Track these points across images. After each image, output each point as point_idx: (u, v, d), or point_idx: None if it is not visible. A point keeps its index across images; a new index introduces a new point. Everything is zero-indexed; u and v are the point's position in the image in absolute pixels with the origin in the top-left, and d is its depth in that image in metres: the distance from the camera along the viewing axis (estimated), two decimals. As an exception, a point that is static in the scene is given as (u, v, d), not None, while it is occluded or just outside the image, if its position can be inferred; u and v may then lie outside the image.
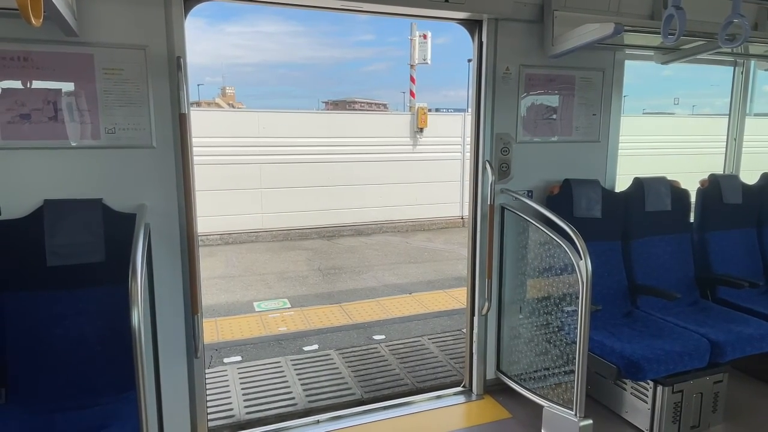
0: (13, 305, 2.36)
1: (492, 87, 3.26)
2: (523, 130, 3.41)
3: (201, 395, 2.89)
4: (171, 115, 2.62)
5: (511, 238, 3.42)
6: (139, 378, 1.89)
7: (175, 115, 2.61)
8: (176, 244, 2.71)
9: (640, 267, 3.62)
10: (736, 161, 4.46)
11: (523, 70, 3.33)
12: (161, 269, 2.67)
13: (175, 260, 2.72)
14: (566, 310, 2.99)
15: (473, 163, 3.42)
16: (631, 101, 10.64)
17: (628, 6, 3.39)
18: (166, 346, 2.73)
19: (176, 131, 2.62)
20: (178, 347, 2.79)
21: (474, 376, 3.55)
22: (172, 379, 2.78)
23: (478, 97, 3.31)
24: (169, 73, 2.59)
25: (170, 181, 2.66)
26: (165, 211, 2.67)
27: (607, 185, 3.67)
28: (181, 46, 2.59)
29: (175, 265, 2.73)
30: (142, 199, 2.60)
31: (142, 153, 2.60)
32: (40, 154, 2.44)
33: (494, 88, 3.27)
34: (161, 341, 2.68)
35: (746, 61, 4.27)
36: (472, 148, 3.43)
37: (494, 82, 3.26)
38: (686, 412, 3.06)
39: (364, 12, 3.01)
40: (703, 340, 3.03)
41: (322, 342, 4.86)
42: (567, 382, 2.95)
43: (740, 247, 3.96)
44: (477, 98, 3.31)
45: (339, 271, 7.85)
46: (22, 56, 2.37)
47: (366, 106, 20.60)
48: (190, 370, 2.84)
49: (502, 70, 3.28)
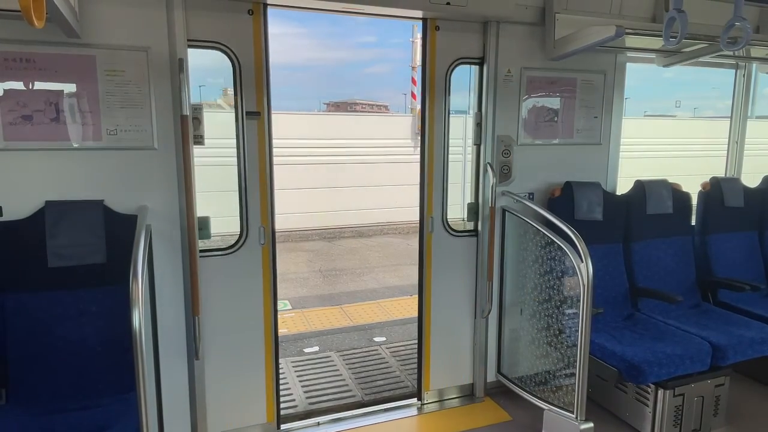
0: (14, 306, 2.36)
1: (494, 89, 3.26)
2: (524, 133, 3.41)
3: (201, 397, 2.88)
4: (172, 116, 2.62)
5: (512, 241, 3.41)
6: (139, 379, 1.89)
7: (176, 116, 2.62)
8: (177, 246, 2.72)
9: (641, 270, 3.62)
10: (737, 164, 4.46)
11: (525, 73, 3.33)
12: (162, 270, 2.67)
13: (176, 261, 2.72)
14: (567, 312, 2.99)
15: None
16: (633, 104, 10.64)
17: (630, 9, 3.39)
18: (167, 347, 2.73)
19: (177, 133, 2.62)
20: (179, 348, 2.79)
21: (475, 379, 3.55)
22: (172, 381, 2.78)
23: (480, 100, 3.31)
24: (171, 75, 2.60)
25: (171, 182, 2.66)
26: (166, 212, 2.67)
27: (609, 188, 3.66)
28: (183, 47, 2.59)
29: (176, 266, 2.73)
30: (144, 200, 2.61)
31: (143, 154, 2.60)
32: (42, 155, 2.45)
33: (495, 90, 3.27)
34: (162, 342, 2.68)
35: (748, 64, 4.26)
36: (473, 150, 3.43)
37: (495, 84, 3.26)
38: (687, 416, 3.05)
39: (367, 14, 3.01)
40: (704, 343, 3.03)
41: (323, 344, 4.85)
42: (568, 385, 2.95)
43: (742, 250, 3.96)
44: (479, 100, 3.32)
45: (340, 273, 7.85)
46: (25, 58, 2.37)
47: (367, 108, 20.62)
48: (191, 372, 2.84)
49: (504, 72, 3.28)
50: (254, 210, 2.90)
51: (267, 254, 2.96)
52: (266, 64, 2.82)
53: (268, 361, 3.04)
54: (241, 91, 2.79)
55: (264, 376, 3.04)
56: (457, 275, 3.41)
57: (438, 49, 3.14)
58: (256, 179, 2.88)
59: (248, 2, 2.73)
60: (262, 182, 2.90)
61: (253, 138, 2.85)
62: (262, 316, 2.99)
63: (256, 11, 2.75)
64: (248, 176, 2.86)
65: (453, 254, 3.39)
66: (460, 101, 3.39)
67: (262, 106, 2.83)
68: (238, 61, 2.77)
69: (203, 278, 2.79)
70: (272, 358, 3.05)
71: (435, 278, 3.35)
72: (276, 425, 3.12)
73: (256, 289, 2.96)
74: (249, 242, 2.92)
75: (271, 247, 2.96)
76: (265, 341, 3.02)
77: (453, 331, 3.47)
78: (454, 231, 3.38)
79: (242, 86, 2.79)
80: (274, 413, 3.10)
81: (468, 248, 3.42)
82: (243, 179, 2.87)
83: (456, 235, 3.38)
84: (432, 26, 3.10)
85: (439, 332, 3.43)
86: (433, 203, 3.29)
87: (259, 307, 2.98)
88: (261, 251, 2.95)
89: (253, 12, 2.75)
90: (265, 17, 2.79)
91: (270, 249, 2.96)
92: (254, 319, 2.98)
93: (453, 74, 3.23)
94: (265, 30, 2.79)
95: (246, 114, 2.81)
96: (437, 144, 3.26)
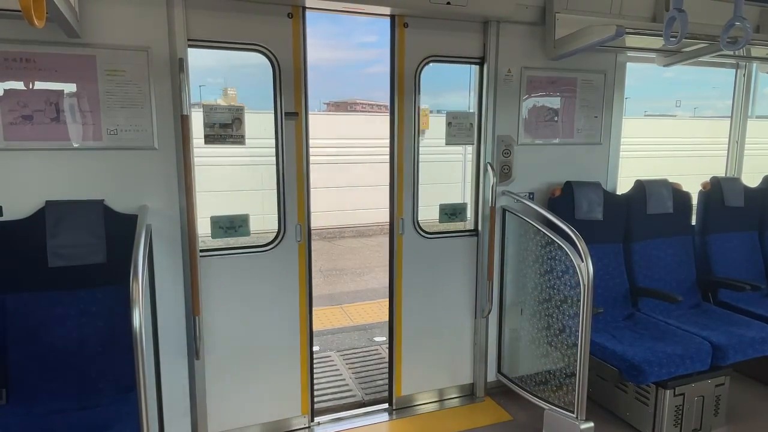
0: (15, 306, 2.36)
1: (494, 89, 3.26)
2: (524, 132, 3.40)
3: (202, 397, 2.88)
4: (173, 116, 2.62)
5: (512, 241, 3.41)
6: (139, 379, 1.89)
7: (176, 116, 2.62)
8: (177, 246, 2.72)
9: (641, 269, 3.62)
10: (737, 164, 4.46)
11: (525, 72, 3.33)
12: (162, 270, 2.68)
13: (177, 261, 2.72)
14: (567, 312, 2.99)
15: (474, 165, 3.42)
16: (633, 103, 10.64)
17: (630, 8, 3.39)
18: (167, 347, 2.73)
19: (178, 132, 2.62)
20: (179, 348, 2.79)
21: (475, 378, 3.55)
22: (172, 381, 2.78)
23: (480, 100, 3.31)
24: (171, 75, 2.60)
25: (172, 182, 2.66)
26: (166, 212, 2.67)
27: (609, 187, 3.66)
28: (183, 47, 2.59)
29: (177, 266, 2.73)
30: (144, 200, 2.61)
31: (143, 154, 2.60)
32: (42, 155, 2.45)
33: (496, 90, 3.27)
34: (162, 342, 2.68)
35: (748, 64, 4.26)
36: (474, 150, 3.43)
37: (496, 84, 3.26)
38: (688, 416, 3.05)
39: (366, 14, 3.00)
40: (704, 343, 3.03)
41: (323, 343, 4.84)
42: (568, 384, 2.95)
43: (742, 249, 3.95)
44: (479, 100, 3.31)
45: (340, 273, 7.84)
46: (25, 57, 2.37)
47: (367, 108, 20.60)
48: (191, 372, 2.84)
49: (504, 72, 3.28)
50: (291, 208, 2.99)
51: (303, 251, 3.03)
52: (304, 66, 2.88)
53: (303, 356, 3.12)
54: (280, 92, 2.86)
55: (299, 370, 3.11)
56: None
57: (407, 47, 3.09)
58: (293, 178, 2.96)
59: (288, 6, 2.79)
60: (299, 181, 2.97)
61: (291, 138, 2.92)
62: (298, 311, 3.07)
63: (295, 14, 2.82)
64: (286, 175, 2.94)
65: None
66: (461, 101, 3.39)
67: (300, 106, 2.90)
68: (278, 63, 2.83)
69: (242, 274, 2.90)
70: (307, 352, 3.12)
71: (407, 281, 3.31)
72: (310, 418, 3.20)
73: (293, 285, 3.04)
74: (286, 240, 2.98)
75: (307, 244, 3.03)
76: (301, 336, 3.09)
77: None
78: (426, 233, 3.32)
79: (281, 87, 2.85)
80: (309, 406, 3.18)
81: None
82: (281, 178, 2.94)
83: (428, 237, 3.33)
84: (400, 23, 3.05)
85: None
86: (403, 204, 3.27)
87: (295, 303, 3.06)
88: (297, 248, 3.01)
89: (292, 15, 2.82)
90: (304, 20, 2.85)
91: (306, 246, 3.03)
92: (291, 315, 3.06)
93: (423, 73, 3.16)
94: (303, 33, 2.86)
95: (285, 114, 2.88)
96: (407, 144, 3.23)
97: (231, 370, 2.95)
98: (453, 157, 11.58)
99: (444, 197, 3.46)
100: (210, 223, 2.83)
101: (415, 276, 3.33)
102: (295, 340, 3.08)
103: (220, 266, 2.86)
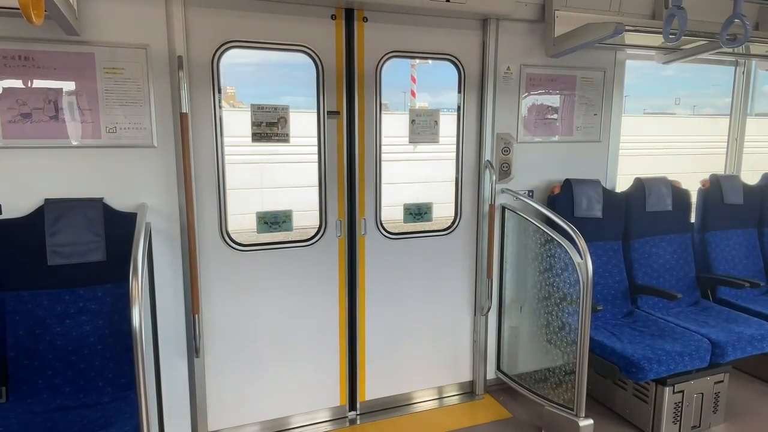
0: (14, 304, 2.36)
1: (493, 87, 3.26)
2: (524, 130, 3.40)
3: (202, 395, 2.89)
4: (172, 114, 2.62)
5: (511, 238, 3.41)
6: (139, 377, 1.89)
7: (176, 114, 2.62)
8: (177, 244, 2.72)
9: (640, 267, 3.62)
10: (737, 161, 4.46)
11: (524, 70, 3.33)
12: (162, 268, 2.68)
13: (176, 259, 2.72)
14: (567, 310, 2.99)
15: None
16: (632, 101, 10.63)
17: (630, 6, 3.39)
18: (167, 345, 2.73)
19: (177, 130, 2.62)
20: (179, 347, 2.79)
21: (475, 376, 3.55)
22: (172, 379, 2.78)
23: (480, 97, 3.30)
24: (170, 73, 2.59)
25: (171, 180, 2.66)
26: (166, 210, 2.67)
27: (608, 185, 3.66)
28: (182, 45, 2.59)
29: (176, 264, 2.73)
30: (143, 198, 2.61)
31: (143, 152, 2.60)
32: (41, 153, 2.44)
33: (495, 87, 3.27)
34: (162, 340, 2.68)
35: (747, 61, 4.26)
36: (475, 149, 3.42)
37: (495, 81, 3.26)
38: (687, 413, 3.06)
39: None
40: (704, 340, 3.03)
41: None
42: (568, 382, 2.95)
43: (741, 247, 3.96)
44: (479, 98, 3.31)
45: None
46: (24, 55, 2.37)
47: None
48: (191, 370, 2.84)
49: (503, 69, 3.27)
50: (332, 204, 3.04)
51: (343, 246, 3.08)
52: (347, 66, 2.94)
53: (342, 347, 3.17)
54: (323, 92, 2.92)
55: (338, 361, 3.17)
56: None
57: (366, 42, 3.00)
58: (334, 175, 3.02)
59: (332, 8, 2.84)
60: (339, 178, 3.03)
61: (333, 136, 2.98)
62: (338, 303, 3.12)
63: (338, 16, 2.87)
64: (327, 172, 2.99)
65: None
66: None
67: (341, 106, 2.96)
68: (321, 63, 2.88)
69: (283, 268, 2.99)
70: (346, 343, 3.18)
71: (370, 283, 3.20)
72: (348, 408, 3.27)
73: (333, 278, 3.09)
74: (327, 235, 3.04)
75: (347, 240, 3.08)
76: (340, 328, 3.15)
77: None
78: (389, 234, 3.21)
79: (324, 87, 2.91)
80: (347, 397, 3.24)
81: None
82: (323, 175, 3.00)
83: (393, 238, 3.22)
84: (359, 17, 2.96)
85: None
86: (365, 204, 3.16)
87: (335, 295, 3.11)
88: (338, 243, 3.06)
89: (335, 17, 2.86)
90: (348, 22, 2.91)
91: (346, 242, 3.08)
92: (331, 307, 3.11)
93: (384, 68, 3.07)
94: (346, 34, 2.92)
95: (327, 113, 2.94)
96: (368, 142, 3.11)
97: (267, 363, 3.02)
98: (451, 156, 11.62)
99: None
100: (255, 218, 2.91)
101: (384, 278, 3.24)
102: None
103: (262, 261, 2.94)
